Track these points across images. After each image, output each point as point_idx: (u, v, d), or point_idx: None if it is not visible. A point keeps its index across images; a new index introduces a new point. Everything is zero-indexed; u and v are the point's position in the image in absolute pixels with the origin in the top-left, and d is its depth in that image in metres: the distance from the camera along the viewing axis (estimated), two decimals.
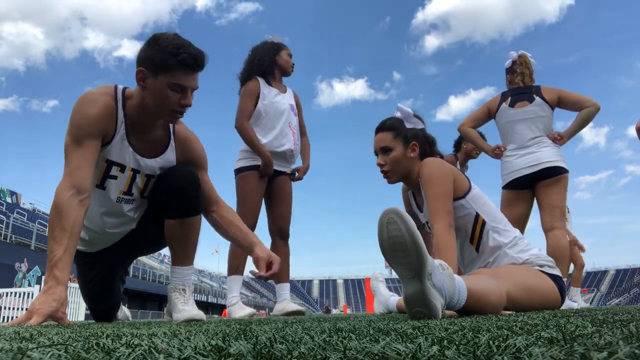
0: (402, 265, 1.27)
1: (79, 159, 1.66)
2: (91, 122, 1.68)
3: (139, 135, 1.83)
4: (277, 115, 3.02)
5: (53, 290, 1.53)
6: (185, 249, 1.95)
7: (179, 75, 1.69)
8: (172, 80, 1.68)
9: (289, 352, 0.48)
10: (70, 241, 1.59)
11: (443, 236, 1.79)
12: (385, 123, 2.05)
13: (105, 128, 1.73)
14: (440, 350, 0.46)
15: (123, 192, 1.87)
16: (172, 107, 1.73)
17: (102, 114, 1.71)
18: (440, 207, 1.83)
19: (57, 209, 1.60)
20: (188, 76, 1.70)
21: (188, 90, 1.72)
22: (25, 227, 20.20)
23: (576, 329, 0.70)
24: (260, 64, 3.08)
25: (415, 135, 2.02)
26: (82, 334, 0.91)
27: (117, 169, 1.82)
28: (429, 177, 1.88)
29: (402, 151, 2.00)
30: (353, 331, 0.81)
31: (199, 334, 0.86)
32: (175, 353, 0.49)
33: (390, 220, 1.25)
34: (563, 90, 3.14)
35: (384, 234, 1.27)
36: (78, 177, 1.65)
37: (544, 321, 0.95)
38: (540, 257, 1.90)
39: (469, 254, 1.99)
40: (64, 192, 1.61)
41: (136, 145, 1.84)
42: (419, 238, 1.24)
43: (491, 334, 0.65)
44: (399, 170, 2.02)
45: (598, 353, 0.41)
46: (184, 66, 1.68)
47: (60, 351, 0.53)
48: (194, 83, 1.73)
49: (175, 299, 1.94)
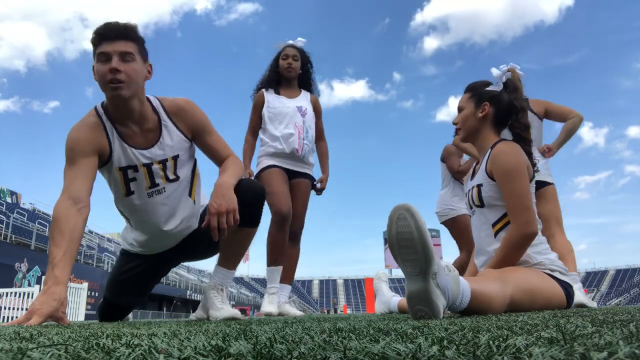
0: (408, 261, 1.27)
1: (74, 174, 1.78)
2: (80, 143, 1.80)
3: (131, 132, 1.88)
4: (280, 118, 3.05)
5: (53, 290, 1.55)
6: (235, 254, 2.03)
7: (99, 46, 1.75)
8: (96, 53, 1.76)
9: (289, 352, 0.48)
10: (70, 244, 1.65)
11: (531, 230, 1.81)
12: (468, 85, 2.13)
13: (96, 144, 1.83)
14: (440, 350, 0.46)
15: (149, 187, 1.95)
16: (105, 77, 1.75)
17: (88, 133, 1.82)
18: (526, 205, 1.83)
19: (56, 219, 1.69)
20: (107, 44, 1.74)
21: (111, 55, 1.74)
22: (25, 227, 20.20)
23: (576, 329, 0.70)
24: (265, 77, 3.23)
25: (491, 97, 2.02)
26: (82, 334, 0.91)
27: (131, 170, 1.91)
28: (508, 170, 1.86)
29: (472, 110, 2.05)
30: (353, 331, 0.81)
31: (199, 334, 0.86)
32: (175, 353, 0.49)
33: (401, 216, 1.26)
34: (549, 102, 3.26)
35: (393, 229, 1.27)
36: (73, 190, 1.75)
37: (544, 321, 0.95)
38: (554, 262, 1.89)
39: (485, 236, 1.98)
40: (62, 204, 1.72)
41: (133, 142, 1.89)
42: (427, 236, 1.24)
43: (491, 334, 0.65)
44: (466, 128, 2.07)
45: (598, 353, 0.41)
46: (99, 36, 1.75)
47: (60, 351, 0.53)
48: (115, 47, 1.74)
49: (213, 297, 1.99)
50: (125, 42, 1.76)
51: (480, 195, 1.95)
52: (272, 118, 3.06)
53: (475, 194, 1.98)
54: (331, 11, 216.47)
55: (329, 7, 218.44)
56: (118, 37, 1.75)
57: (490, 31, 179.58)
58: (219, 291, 2.01)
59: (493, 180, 1.92)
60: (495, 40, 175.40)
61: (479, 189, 1.96)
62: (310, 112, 3.16)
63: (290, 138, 3.01)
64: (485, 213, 1.96)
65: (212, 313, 1.95)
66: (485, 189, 1.94)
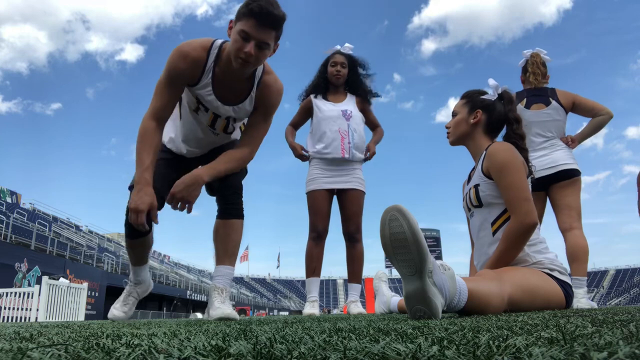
0: (403, 262, 1.28)
1: (168, 97, 2.00)
2: (186, 72, 1.97)
3: (223, 84, 2.04)
4: (325, 124, 3.26)
5: (145, 189, 1.89)
6: (228, 248, 2.13)
7: (247, 23, 1.82)
8: (241, 27, 1.84)
9: (289, 352, 0.48)
10: (154, 157, 1.97)
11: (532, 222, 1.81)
12: (465, 92, 2.18)
13: (191, 77, 2.01)
14: (440, 350, 0.46)
15: (208, 125, 2.17)
16: (237, 53, 1.86)
17: (192, 66, 1.97)
18: (525, 196, 1.84)
19: (144, 134, 1.96)
20: (254, 26, 1.82)
21: (251, 40, 1.83)
22: (25, 227, 20.19)
23: (576, 329, 0.70)
24: (313, 82, 3.43)
25: (484, 106, 2.07)
26: (82, 334, 0.91)
27: (203, 108, 2.12)
28: (504, 164, 1.88)
29: (465, 116, 2.10)
30: (353, 331, 0.81)
31: (199, 334, 0.86)
32: (175, 353, 0.49)
33: (393, 217, 1.27)
34: (578, 95, 3.16)
35: (386, 231, 1.28)
36: (161, 113, 2.00)
37: (544, 321, 0.95)
38: (553, 262, 1.89)
39: (484, 236, 1.99)
40: (150, 123, 1.98)
41: (219, 93, 2.06)
42: (420, 235, 1.25)
43: (491, 334, 0.65)
44: (457, 132, 2.12)
45: (598, 353, 0.41)
46: (251, 14, 1.81)
47: (60, 351, 0.53)
48: (260, 35, 1.83)
49: (213, 297, 2.04)
50: (270, 30, 1.85)
51: (478, 195, 1.96)
52: (319, 123, 3.27)
53: (473, 194, 1.99)
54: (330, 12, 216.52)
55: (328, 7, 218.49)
56: (266, 25, 1.83)
57: (488, 33, 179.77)
58: (219, 291, 2.04)
59: (490, 179, 1.93)
60: (494, 42, 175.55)
61: (476, 189, 1.97)
62: (356, 114, 3.32)
63: (335, 143, 3.23)
64: (484, 213, 1.97)
65: (210, 312, 2.00)
66: (483, 188, 1.95)
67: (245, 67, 1.91)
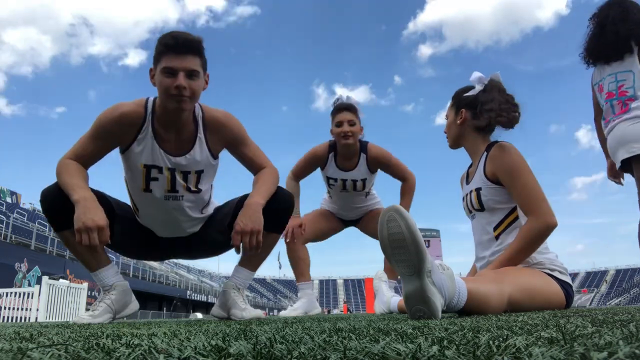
0: (401, 262, 1.28)
1: (90, 149, 1.87)
2: (113, 129, 1.85)
3: (167, 135, 1.90)
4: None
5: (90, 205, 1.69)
6: (258, 256, 2.04)
7: (167, 59, 1.76)
8: (163, 65, 1.76)
9: (289, 352, 0.48)
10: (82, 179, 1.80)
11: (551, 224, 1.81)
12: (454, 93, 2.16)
13: (125, 137, 1.88)
14: (440, 350, 0.46)
15: (168, 190, 1.96)
16: (168, 91, 1.77)
17: (125, 125, 1.86)
18: (542, 196, 1.83)
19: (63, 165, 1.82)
20: (175, 58, 1.75)
21: (178, 72, 1.75)
22: (25, 227, 20.21)
23: (576, 329, 0.70)
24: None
25: (467, 103, 2.02)
26: (82, 334, 0.91)
27: (156, 171, 1.92)
28: (513, 167, 1.86)
29: (452, 118, 2.11)
30: (353, 331, 0.81)
31: (199, 334, 0.86)
32: (175, 353, 0.49)
33: (391, 217, 1.28)
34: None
35: (384, 232, 1.29)
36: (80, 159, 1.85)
37: (544, 321, 0.95)
38: (554, 262, 1.89)
39: (486, 240, 1.98)
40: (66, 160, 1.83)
41: (165, 145, 1.91)
42: (418, 234, 1.25)
43: (491, 334, 0.65)
44: (451, 136, 2.12)
45: (598, 353, 0.41)
46: (167, 48, 1.76)
47: (60, 351, 0.53)
48: (184, 63, 1.76)
49: (235, 297, 2.00)
50: (193, 57, 1.78)
51: (480, 199, 1.95)
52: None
53: (474, 198, 1.97)
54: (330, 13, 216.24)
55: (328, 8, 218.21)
56: (186, 52, 1.76)
57: (485, 37, 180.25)
58: (239, 291, 2.01)
59: (493, 183, 1.91)
60: (491, 45, 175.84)
61: (478, 192, 1.95)
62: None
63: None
64: (486, 217, 1.96)
65: (236, 312, 1.95)
66: (485, 193, 1.93)
67: (182, 104, 1.79)
